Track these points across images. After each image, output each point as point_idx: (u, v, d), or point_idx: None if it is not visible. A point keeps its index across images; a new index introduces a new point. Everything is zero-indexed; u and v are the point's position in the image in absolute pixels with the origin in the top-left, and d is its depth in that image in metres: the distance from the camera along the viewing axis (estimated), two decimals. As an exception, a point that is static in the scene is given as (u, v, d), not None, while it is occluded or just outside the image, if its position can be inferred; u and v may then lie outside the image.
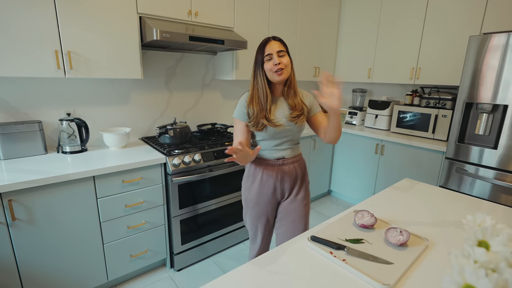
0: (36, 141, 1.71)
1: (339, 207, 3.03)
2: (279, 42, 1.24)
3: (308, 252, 0.87)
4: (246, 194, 1.38)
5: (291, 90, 1.29)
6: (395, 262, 0.80)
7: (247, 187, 1.37)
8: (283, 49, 1.23)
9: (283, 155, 1.32)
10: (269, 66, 1.22)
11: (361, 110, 3.09)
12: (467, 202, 1.25)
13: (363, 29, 2.94)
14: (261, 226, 1.39)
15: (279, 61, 1.20)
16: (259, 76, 1.25)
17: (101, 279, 1.70)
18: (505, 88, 1.80)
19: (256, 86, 1.26)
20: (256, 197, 1.35)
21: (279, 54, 1.21)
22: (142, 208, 1.76)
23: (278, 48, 1.22)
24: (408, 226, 1.02)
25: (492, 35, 1.83)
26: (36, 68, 1.50)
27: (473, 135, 2.02)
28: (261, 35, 2.44)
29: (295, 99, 1.29)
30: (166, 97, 2.33)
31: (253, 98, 1.26)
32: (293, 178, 1.34)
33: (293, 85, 1.30)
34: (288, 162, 1.32)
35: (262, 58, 1.23)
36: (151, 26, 1.70)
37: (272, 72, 1.22)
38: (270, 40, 1.24)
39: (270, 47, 1.22)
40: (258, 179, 1.33)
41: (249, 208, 1.39)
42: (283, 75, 1.23)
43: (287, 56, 1.25)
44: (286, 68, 1.23)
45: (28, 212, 1.38)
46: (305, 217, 1.36)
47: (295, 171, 1.35)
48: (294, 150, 1.35)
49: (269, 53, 1.21)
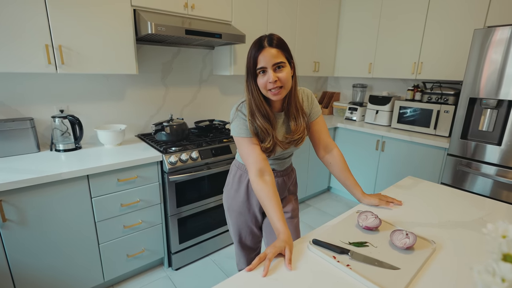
0: (28, 139, 1.66)
1: (339, 204, 3.00)
2: (276, 50, 0.93)
3: (310, 257, 0.83)
4: (229, 202, 1.23)
5: (292, 106, 1.04)
6: (402, 267, 0.76)
7: (231, 195, 1.22)
8: (282, 60, 0.94)
9: (274, 168, 1.17)
10: (263, 82, 0.95)
11: (361, 106, 3.04)
12: (471, 201, 1.22)
13: (364, 22, 2.88)
14: (244, 236, 1.26)
15: (275, 78, 0.93)
16: (252, 88, 0.99)
17: (97, 279, 1.66)
18: (509, 84, 1.76)
19: (253, 100, 1.00)
20: (239, 207, 1.20)
21: (275, 67, 0.93)
22: (138, 207, 1.71)
23: (275, 59, 0.92)
24: (414, 228, 0.98)
25: (496, 28, 1.78)
26: (26, 63, 1.44)
27: (477, 131, 1.98)
28: (259, 29, 2.37)
29: (297, 117, 1.05)
30: (162, 93, 2.27)
31: (255, 113, 1.01)
32: (281, 190, 1.20)
33: (295, 99, 1.04)
34: (277, 175, 1.18)
35: (253, 69, 0.95)
36: (145, 19, 1.64)
37: (266, 90, 0.96)
38: (264, 47, 0.92)
39: (264, 58, 0.92)
40: (243, 188, 1.18)
41: (232, 217, 1.25)
42: (280, 95, 0.97)
43: (287, 67, 0.96)
44: (286, 84, 0.96)
45: (19, 213, 1.33)
46: (295, 231, 1.19)
47: (284, 184, 1.21)
48: (285, 163, 1.20)
49: (263, 66, 0.93)
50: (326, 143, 1.18)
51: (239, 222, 1.24)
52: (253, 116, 1.01)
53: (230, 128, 1.08)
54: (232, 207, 1.23)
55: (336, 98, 3.55)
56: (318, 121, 1.15)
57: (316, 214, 2.78)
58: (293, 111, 1.05)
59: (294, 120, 1.06)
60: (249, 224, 1.24)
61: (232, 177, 1.23)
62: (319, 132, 1.16)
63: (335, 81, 3.63)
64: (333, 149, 1.19)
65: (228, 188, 1.25)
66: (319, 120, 1.15)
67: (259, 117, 1.00)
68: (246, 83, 1.00)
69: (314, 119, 1.15)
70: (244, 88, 1.02)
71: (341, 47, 3.14)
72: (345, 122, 3.01)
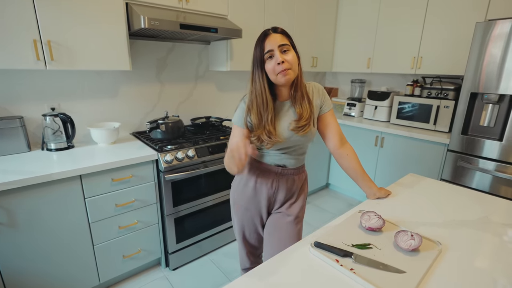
0: (18, 138, 1.60)
1: (338, 201, 2.98)
2: (281, 35, 0.99)
3: (312, 260, 0.79)
4: (236, 197, 1.22)
5: (299, 93, 1.05)
6: (408, 271, 0.73)
7: (239, 190, 1.20)
8: (287, 43, 0.99)
9: (285, 164, 1.13)
10: (271, 66, 0.98)
11: (360, 101, 3.00)
12: (473, 198, 1.19)
13: (363, 16, 2.82)
14: (248, 233, 1.25)
15: (282, 59, 0.97)
16: (258, 79, 1.02)
17: (93, 281, 1.63)
18: (510, 77, 1.73)
19: (254, 91, 1.03)
20: (246, 203, 1.18)
21: (282, 49, 0.98)
22: (133, 207, 1.67)
23: (280, 41, 0.98)
24: (418, 228, 0.95)
25: (497, 22, 1.75)
26: (13, 59, 1.38)
27: (478, 127, 1.95)
28: (256, 23, 2.32)
29: (303, 104, 1.05)
30: (157, 90, 2.21)
31: (252, 105, 1.04)
32: (289, 190, 1.16)
33: (301, 86, 1.06)
34: (288, 172, 1.14)
35: (261, 56, 0.99)
36: (138, 13, 1.58)
37: (275, 74, 0.99)
38: (269, 33, 0.99)
39: (270, 42, 0.98)
40: (251, 183, 1.15)
41: (237, 213, 1.23)
42: (289, 76, 0.99)
43: (293, 51, 1.01)
44: (293, 66, 0.99)
45: (9, 215, 1.28)
46: (296, 236, 1.15)
47: (294, 184, 1.16)
48: (298, 161, 1.16)
49: (269, 50, 0.98)
50: (341, 134, 1.17)
51: (244, 218, 1.22)
52: (251, 109, 1.05)
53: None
54: (239, 202, 1.21)
55: (335, 93, 3.51)
56: (332, 113, 1.16)
57: (315, 211, 2.76)
58: (299, 97, 1.06)
59: (300, 106, 1.06)
60: (254, 221, 1.21)
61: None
62: (334, 123, 1.15)
63: (333, 76, 3.58)
64: (347, 143, 1.18)
65: (237, 183, 1.22)
66: (332, 112, 1.16)
67: (254, 114, 1.04)
68: (251, 75, 1.04)
69: (327, 111, 1.14)
70: (249, 79, 1.06)
71: (339, 42, 3.09)
72: (344, 118, 2.97)
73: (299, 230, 1.17)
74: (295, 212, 1.16)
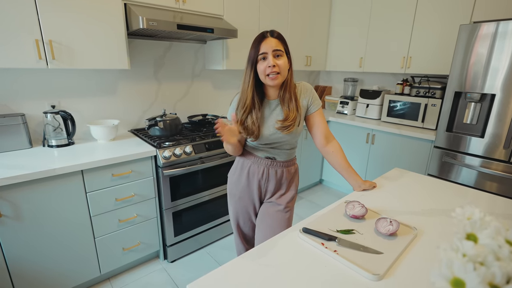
0: (20, 135, 1.66)
1: (331, 196, 3.07)
2: (277, 40, 1.07)
3: (300, 244, 0.87)
4: (231, 187, 1.32)
5: (287, 94, 1.13)
6: (385, 252, 0.82)
7: (233, 181, 1.30)
8: (281, 48, 1.07)
9: (275, 157, 1.22)
10: (262, 67, 1.07)
11: (352, 100, 3.09)
12: (455, 191, 1.28)
13: (355, 17, 2.91)
14: (242, 221, 1.34)
15: (273, 63, 1.05)
16: (247, 76, 1.11)
17: (94, 273, 1.69)
18: (493, 77, 1.82)
19: (243, 87, 1.13)
20: (240, 192, 1.28)
21: (275, 54, 1.06)
22: (133, 201, 1.74)
23: (275, 46, 1.06)
24: (398, 216, 1.04)
25: (481, 24, 1.84)
26: (16, 58, 1.43)
27: (461, 124, 2.05)
28: (251, 24, 2.38)
29: (290, 105, 1.13)
30: (155, 88, 2.27)
31: (240, 101, 1.15)
32: (279, 181, 1.24)
33: (290, 88, 1.14)
34: (277, 164, 1.22)
35: (255, 56, 1.08)
36: (136, 14, 1.64)
37: (264, 75, 1.08)
38: (267, 36, 1.07)
39: (265, 45, 1.06)
40: (245, 173, 1.25)
41: (232, 203, 1.33)
42: (277, 80, 1.08)
43: (285, 57, 1.09)
44: (282, 72, 1.08)
45: (15, 209, 1.34)
46: (286, 224, 1.23)
47: (283, 175, 1.24)
48: (287, 155, 1.24)
49: (264, 52, 1.06)
50: (327, 133, 1.24)
51: (238, 207, 1.31)
52: (237, 105, 1.16)
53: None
54: (233, 191, 1.31)
55: (328, 92, 3.60)
56: (320, 113, 1.22)
57: (308, 206, 2.85)
58: (287, 99, 1.13)
59: (287, 107, 1.13)
60: (248, 210, 1.30)
61: (236, 163, 1.31)
62: (320, 123, 1.22)
63: (327, 75, 3.67)
64: (333, 140, 1.26)
65: (232, 174, 1.32)
66: (320, 112, 1.22)
67: (240, 108, 1.15)
68: (244, 70, 1.13)
69: (316, 111, 1.21)
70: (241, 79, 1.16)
71: (333, 42, 3.17)
72: (337, 116, 3.06)
73: (288, 219, 1.26)
74: (285, 202, 1.25)
